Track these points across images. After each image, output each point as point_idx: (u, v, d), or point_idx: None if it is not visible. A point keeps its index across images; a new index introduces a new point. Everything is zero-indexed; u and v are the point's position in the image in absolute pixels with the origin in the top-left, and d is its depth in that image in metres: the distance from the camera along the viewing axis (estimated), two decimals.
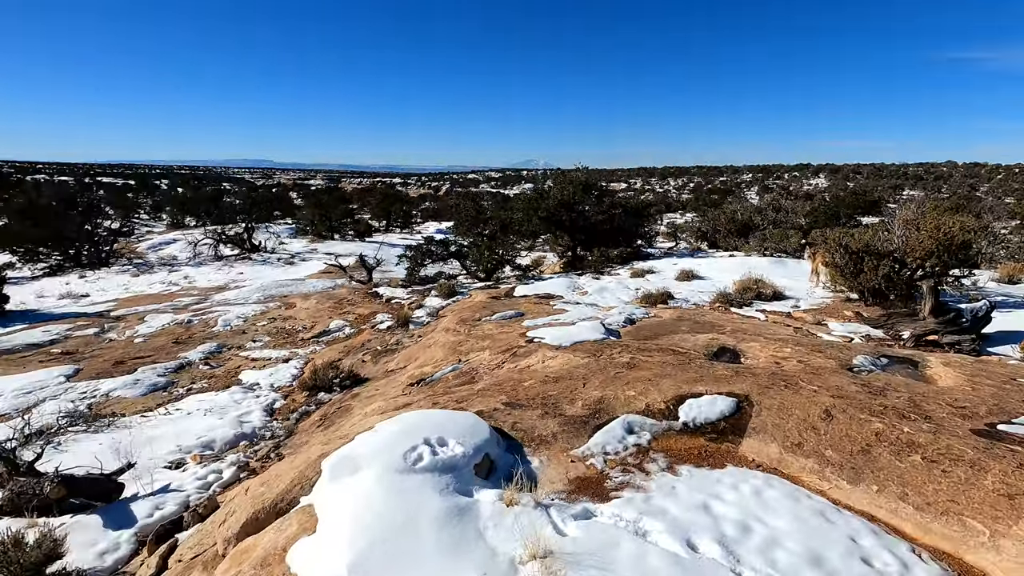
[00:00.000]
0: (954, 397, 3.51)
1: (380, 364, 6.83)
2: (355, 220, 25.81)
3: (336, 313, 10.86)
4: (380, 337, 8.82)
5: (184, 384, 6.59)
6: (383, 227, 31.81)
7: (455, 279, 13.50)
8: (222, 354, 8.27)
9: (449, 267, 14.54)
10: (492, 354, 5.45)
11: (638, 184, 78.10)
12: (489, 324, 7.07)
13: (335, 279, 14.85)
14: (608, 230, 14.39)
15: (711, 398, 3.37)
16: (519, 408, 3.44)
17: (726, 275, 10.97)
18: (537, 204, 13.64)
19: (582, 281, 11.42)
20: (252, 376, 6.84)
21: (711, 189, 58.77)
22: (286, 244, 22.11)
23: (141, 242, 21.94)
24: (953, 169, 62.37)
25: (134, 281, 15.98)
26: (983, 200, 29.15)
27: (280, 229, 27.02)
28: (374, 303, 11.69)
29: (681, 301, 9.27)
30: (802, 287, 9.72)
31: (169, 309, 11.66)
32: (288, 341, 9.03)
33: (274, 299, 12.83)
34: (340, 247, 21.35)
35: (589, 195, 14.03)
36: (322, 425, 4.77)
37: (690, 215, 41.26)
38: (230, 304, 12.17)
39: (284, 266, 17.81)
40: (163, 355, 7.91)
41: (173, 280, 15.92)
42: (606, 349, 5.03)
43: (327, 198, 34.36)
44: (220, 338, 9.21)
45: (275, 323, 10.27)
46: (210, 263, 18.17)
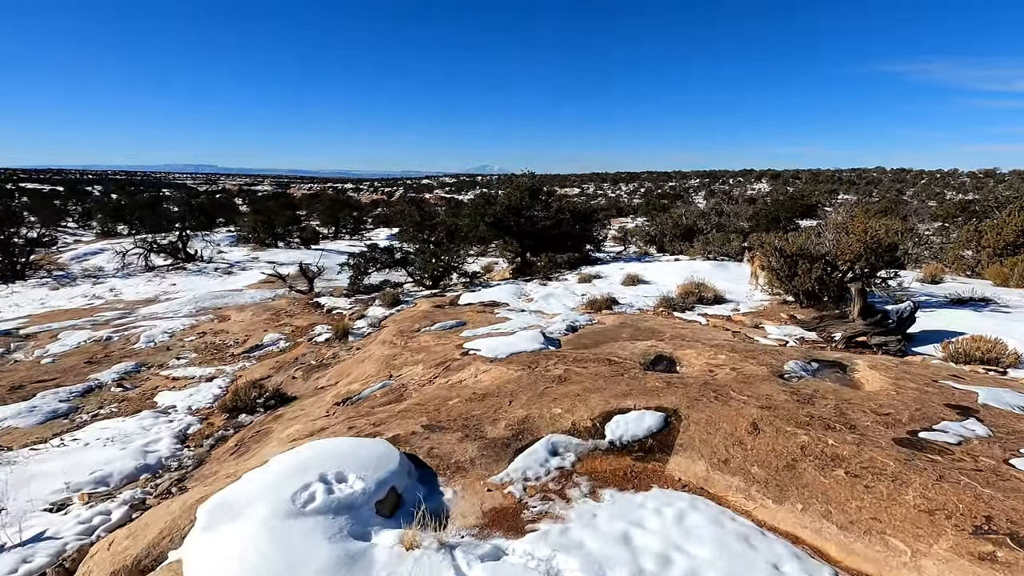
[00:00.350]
0: (879, 403, 3.48)
1: (311, 381, 6.45)
2: (301, 227, 24.96)
3: (272, 326, 10.33)
4: (316, 351, 8.39)
5: (90, 409, 6.02)
6: (331, 234, 30.94)
7: (401, 287, 13.12)
8: (140, 374, 7.67)
9: (395, 275, 14.15)
10: (425, 368, 5.18)
11: (591, 189, 79.19)
12: (427, 335, 6.80)
13: (275, 289, 14.22)
14: (556, 235, 14.33)
15: (639, 414, 3.22)
16: (439, 431, 3.21)
17: (671, 279, 11.04)
18: (484, 210, 13.43)
19: (529, 287, 11.28)
20: (169, 398, 6.32)
21: (660, 194, 60.11)
22: (225, 253, 21.12)
23: (64, 252, 20.51)
24: (882, 174, 65.96)
25: (53, 295, 14.85)
26: (909, 203, 30.81)
27: (220, 237, 25.86)
28: (314, 314, 11.19)
29: (626, 306, 9.23)
30: (742, 290, 9.86)
31: (88, 325, 10.83)
32: (216, 357, 8.48)
33: (207, 312, 12.13)
34: (283, 255, 20.56)
35: (536, 200, 13.93)
36: (236, 452, 4.39)
37: (640, 219, 42.06)
38: (157, 318, 11.43)
39: (222, 276, 16.96)
40: (71, 377, 7.25)
41: (97, 293, 14.88)
42: (542, 360, 4.85)
43: (272, 204, 33.18)
44: (140, 356, 8.57)
45: (204, 338, 9.66)
46: (140, 274, 17.12)
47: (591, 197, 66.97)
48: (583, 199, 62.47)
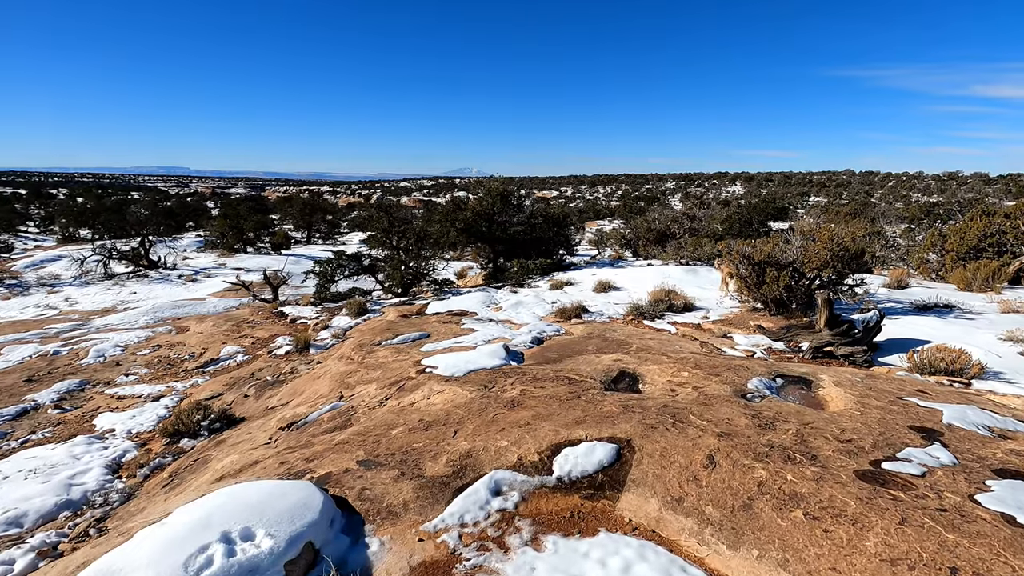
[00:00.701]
0: (842, 427, 3.32)
1: (263, 400, 6.11)
2: (271, 231, 24.34)
3: (232, 337, 9.92)
4: (275, 365, 8.03)
5: (20, 435, 5.60)
6: (304, 238, 30.31)
7: (370, 295, 12.78)
8: (83, 392, 7.23)
9: (365, 282, 13.80)
10: (378, 388, 4.91)
11: (569, 191, 79.42)
12: (387, 350, 6.51)
13: (240, 298, 13.74)
14: (529, 240, 14.13)
15: (590, 446, 3.01)
16: (375, 467, 2.95)
17: (642, 285, 10.91)
18: (455, 216, 13.16)
19: (499, 295, 11.04)
20: (109, 420, 5.93)
21: (638, 196, 60.48)
22: (192, 259, 20.48)
23: (19, 260, 19.66)
24: (851, 177, 67.33)
25: (4, 305, 14.15)
26: (877, 205, 31.35)
27: (188, 242, 25.10)
28: (277, 324, 10.80)
29: (596, 315, 9.05)
30: (713, 296, 9.76)
31: (35, 338, 10.28)
32: (168, 373, 8.06)
33: (166, 322, 11.64)
34: (252, 261, 20.00)
35: (508, 205, 13.70)
36: (169, 484, 4.06)
37: (618, 222, 42.17)
38: (112, 330, 10.91)
39: (185, 284, 16.38)
40: (6, 398, 6.79)
41: (51, 303, 14.22)
42: (499, 379, 4.62)
43: (242, 207, 32.39)
44: (87, 372, 8.11)
45: (159, 352, 9.22)
46: (99, 283, 16.44)
47: (569, 200, 67.15)
48: (561, 201, 62.60)
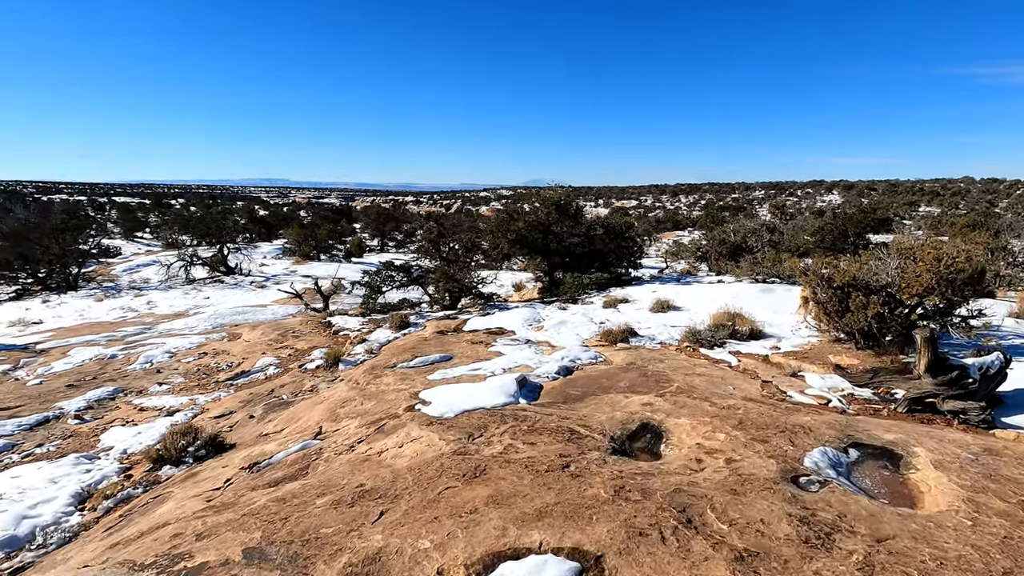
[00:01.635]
0: (939, 551, 2.20)
1: (263, 423, 5.65)
2: (344, 240, 24.89)
3: (273, 348, 9.75)
4: (299, 381, 7.65)
5: (27, 448, 5.48)
6: (378, 246, 30.90)
7: (418, 307, 12.35)
8: (113, 401, 7.17)
9: (417, 293, 13.42)
10: (359, 426, 4.24)
11: (649, 201, 76.91)
12: (394, 375, 5.86)
13: (299, 305, 13.80)
14: (587, 253, 13.15)
15: (540, 561, 2.12)
16: (256, 563, 2.25)
17: (706, 305, 9.64)
18: (507, 226, 12.47)
19: (545, 312, 10.17)
20: (114, 437, 5.70)
21: (722, 206, 57.28)
22: (267, 266, 21.24)
23: (119, 264, 21.25)
24: (971, 185, 59.94)
25: (95, 307, 15.12)
26: (1003, 216, 27.21)
27: (268, 249, 26.26)
28: (320, 335, 10.57)
29: (646, 339, 7.95)
30: (788, 323, 8.35)
31: (103, 341, 10.67)
32: (200, 384, 7.91)
33: (223, 329, 11.79)
34: (321, 269, 20.40)
35: (564, 215, 12.82)
36: (111, 529, 3.59)
37: (697, 233, 39.89)
38: (172, 335, 11.16)
39: (255, 290, 16.85)
40: (38, 403, 6.83)
41: (134, 306, 15.02)
42: (491, 426, 3.80)
43: (328, 215, 33.63)
44: (128, 379, 8.14)
45: (203, 360, 9.18)
46: (180, 287, 17.29)
47: (649, 209, 64.88)
48: (640, 211, 60.54)
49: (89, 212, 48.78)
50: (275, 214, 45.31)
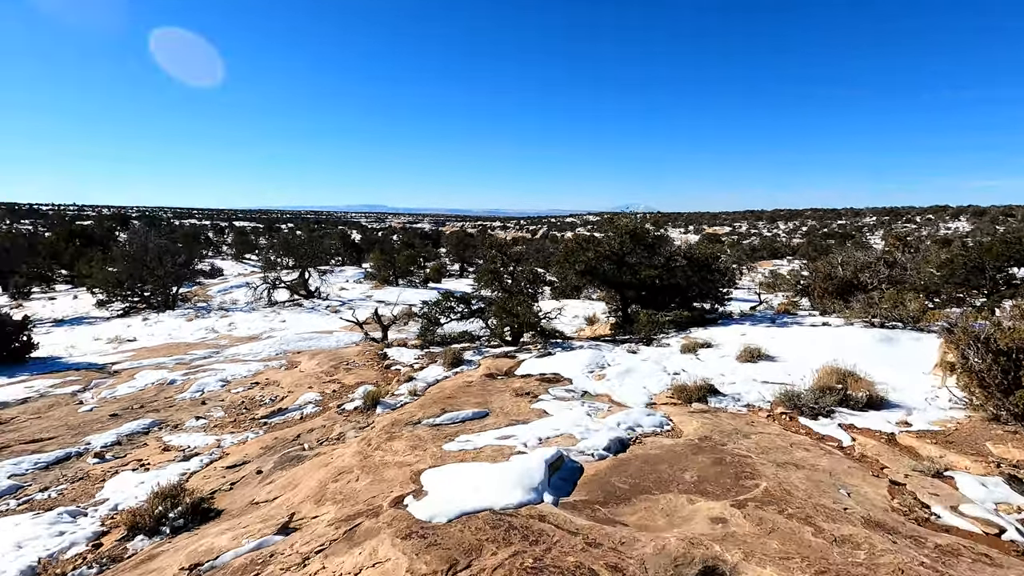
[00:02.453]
0: None
1: (264, 484, 4.88)
2: (421, 265, 24.82)
3: (321, 382, 9.22)
4: (330, 426, 6.93)
5: (30, 492, 5.07)
6: (458, 272, 30.75)
7: (478, 340, 11.46)
8: (146, 435, 6.81)
9: (477, 324, 12.57)
10: (331, 522, 3.30)
11: (743, 228, 72.29)
12: (410, 437, 4.88)
13: (368, 330, 13.39)
14: (666, 287, 11.68)
15: None
16: None
17: (807, 356, 7.91)
18: (575, 256, 11.33)
19: (612, 356, 8.86)
20: (119, 485, 5.18)
21: (826, 234, 52.32)
22: (346, 290, 21.47)
23: (216, 284, 22.37)
24: None
25: (184, 327, 15.69)
26: None
27: (352, 273, 26.80)
28: (372, 369, 9.93)
29: (728, 399, 6.46)
30: (919, 385, 6.49)
31: (172, 364, 10.73)
32: (235, 421, 7.42)
33: (284, 356, 11.56)
34: (395, 294, 20.26)
35: (640, 244, 11.47)
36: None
37: (799, 262, 36.30)
38: (236, 360, 11.05)
39: (328, 315, 16.84)
40: (71, 436, 6.58)
41: (217, 327, 15.41)
42: (486, 549, 2.70)
43: (416, 241, 34.12)
44: (172, 410, 7.85)
45: (250, 392, 8.79)
46: (262, 309, 17.70)
47: (743, 236, 60.76)
48: (733, 238, 56.72)
49: (210, 235, 53.43)
50: (366, 238, 47.04)
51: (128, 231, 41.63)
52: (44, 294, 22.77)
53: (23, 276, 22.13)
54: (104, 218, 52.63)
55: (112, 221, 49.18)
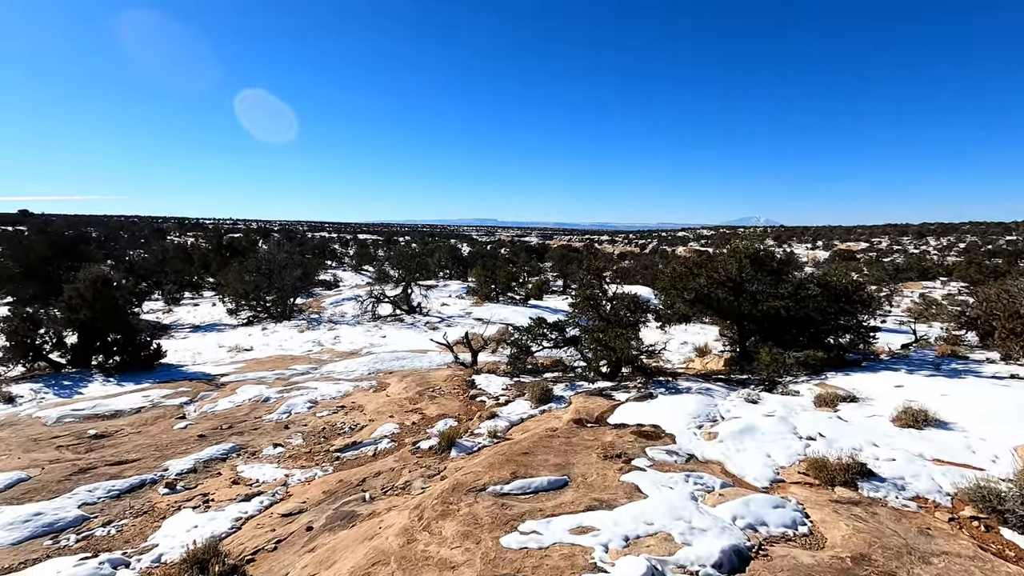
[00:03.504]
0: None
1: (304, 552, 4.26)
2: (523, 282, 24.20)
3: (404, 410, 8.72)
4: (399, 469, 6.29)
5: (91, 527, 4.90)
6: (561, 288, 29.78)
7: (573, 372, 10.41)
8: (223, 462, 6.62)
9: (571, 353, 11.52)
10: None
11: (883, 243, 64.03)
12: (466, 516, 3.99)
13: (459, 353, 12.91)
14: (793, 319, 9.84)
15: None
16: None
17: (998, 425, 5.96)
18: (685, 281, 9.91)
19: (727, 403, 7.39)
20: (173, 528, 4.86)
21: (991, 251, 44.50)
22: (447, 305, 21.38)
23: (330, 296, 23.39)
24: None
25: (295, 337, 16.31)
26: None
27: (456, 288, 26.88)
28: (456, 399, 9.28)
29: (887, 486, 4.85)
30: None
31: (271, 379, 10.89)
32: (309, 452, 7.06)
33: (376, 375, 11.34)
34: (495, 311, 19.76)
35: (762, 270, 9.78)
36: None
37: (955, 285, 30.90)
38: (329, 379, 10.99)
39: (426, 331, 16.68)
40: (154, 458, 6.54)
41: (322, 340, 15.81)
42: None
43: (494, 257, 33.79)
44: (256, 433, 7.71)
45: (333, 417, 8.50)
46: (366, 323, 18.01)
47: (883, 253, 53.63)
48: (871, 255, 50.16)
49: (336, 247, 57.46)
50: (474, 252, 47.76)
51: (268, 243, 45.79)
52: (191, 300, 25.27)
53: (175, 284, 24.71)
54: (250, 231, 58.70)
55: (256, 234, 54.61)
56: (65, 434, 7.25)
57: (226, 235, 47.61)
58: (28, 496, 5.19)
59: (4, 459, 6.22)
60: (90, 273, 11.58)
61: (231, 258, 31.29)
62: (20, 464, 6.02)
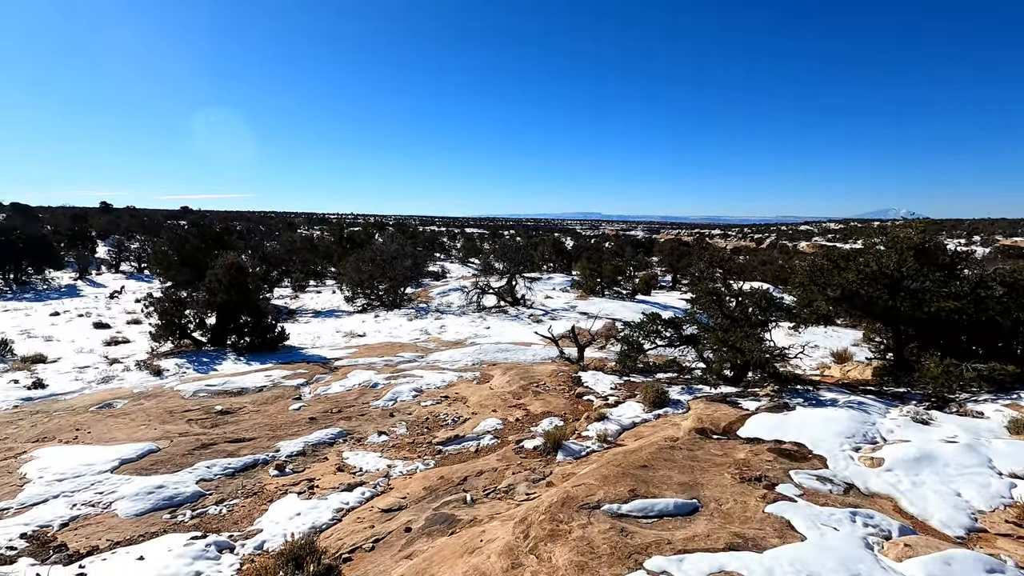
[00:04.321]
0: None
1: (402, 557, 3.91)
2: (629, 276, 23.03)
3: (507, 404, 8.32)
4: (502, 469, 5.85)
5: (206, 503, 4.97)
6: (670, 284, 28.10)
7: (689, 374, 9.41)
8: (330, 447, 6.60)
9: (684, 353, 10.46)
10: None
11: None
12: (582, 538, 3.39)
13: (564, 347, 12.34)
14: (967, 324, 8.08)
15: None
16: None
17: None
18: (828, 276, 8.51)
19: (886, 424, 6.09)
20: (276, 515, 4.78)
21: None
22: (552, 298, 20.87)
23: (437, 287, 23.85)
24: None
25: (404, 325, 16.68)
26: None
27: (560, 281, 26.30)
28: (562, 396, 8.71)
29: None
30: None
31: (380, 365, 11.05)
32: (412, 443, 6.86)
33: (479, 367, 11.11)
34: (599, 306, 18.92)
35: (928, 265, 8.11)
36: None
37: None
38: (435, 368, 10.93)
39: (530, 324, 16.28)
40: (268, 438, 6.67)
41: (428, 329, 15.98)
42: None
43: (600, 251, 32.52)
44: (362, 420, 7.69)
45: (437, 407, 8.31)
46: (471, 314, 18.01)
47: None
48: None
49: (444, 240, 59.38)
50: (578, 245, 46.85)
51: (383, 236, 48.23)
52: (314, 288, 27.08)
53: (302, 272, 26.59)
54: (368, 225, 62.45)
55: (373, 228, 57.96)
56: (196, 408, 7.70)
57: (347, 229, 50.88)
58: (155, 467, 5.42)
59: (144, 429, 6.66)
60: (226, 260, 12.50)
61: (351, 250, 33.20)
62: (154, 435, 6.40)
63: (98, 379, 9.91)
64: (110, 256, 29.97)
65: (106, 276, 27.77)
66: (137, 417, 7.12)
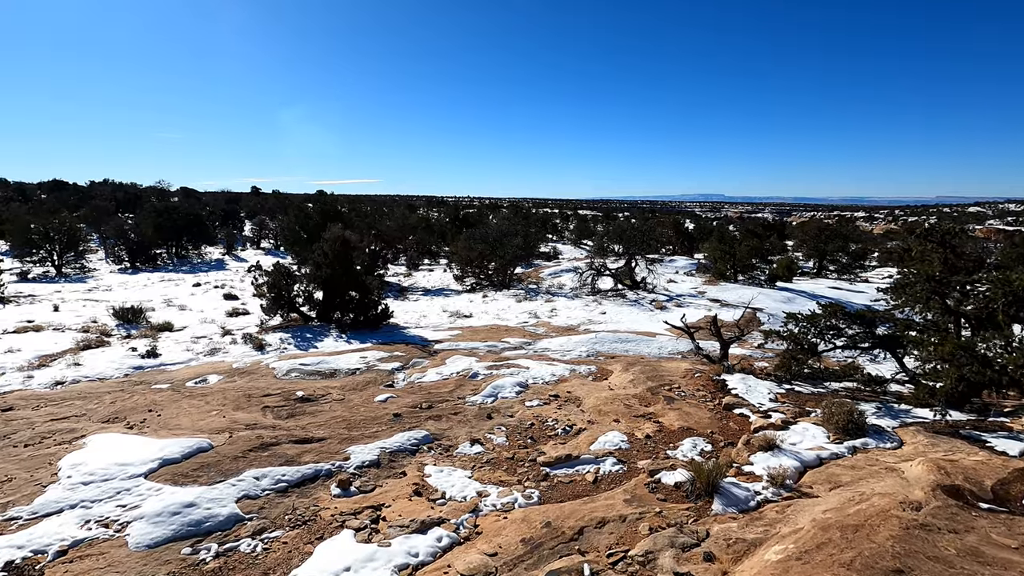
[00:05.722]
0: None
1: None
2: (768, 259, 19.63)
3: (632, 413, 6.47)
4: (633, 520, 4.06)
5: (239, 535, 3.76)
6: (814, 270, 23.94)
7: (883, 388, 6.83)
8: (412, 457, 5.24)
9: (871, 360, 7.77)
10: None
11: None
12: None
13: (697, 342, 10.13)
14: None
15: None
16: None
17: None
18: None
19: None
20: (327, 559, 3.45)
21: None
22: (675, 283, 18.30)
23: (548, 267, 22.22)
24: None
25: (512, 307, 15.30)
26: None
27: (683, 264, 23.41)
28: (703, 407, 6.65)
29: None
30: None
31: (483, 351, 9.69)
32: (512, 459, 5.28)
33: (595, 359, 9.35)
34: (734, 293, 16.09)
35: None
36: None
37: None
38: (543, 357, 9.33)
39: (653, 311, 14.07)
40: (339, 439, 5.44)
41: (538, 312, 14.43)
42: None
43: (740, 231, 28.64)
44: (455, 419, 6.29)
45: (544, 409, 6.69)
46: (584, 297, 16.16)
47: None
48: None
49: (557, 222, 57.68)
50: (700, 227, 42.63)
51: (496, 217, 47.60)
52: (428, 267, 26.80)
53: (416, 251, 26.38)
54: (483, 206, 62.55)
55: (487, 209, 57.84)
56: (277, 393, 6.80)
57: (463, 210, 51.05)
58: (196, 474, 4.39)
59: (212, 416, 5.80)
60: (332, 233, 11.87)
61: (464, 229, 32.71)
62: (218, 426, 5.48)
63: (206, 350, 9.60)
64: (252, 234, 32.22)
65: (249, 252, 29.82)
66: (213, 400, 6.32)
